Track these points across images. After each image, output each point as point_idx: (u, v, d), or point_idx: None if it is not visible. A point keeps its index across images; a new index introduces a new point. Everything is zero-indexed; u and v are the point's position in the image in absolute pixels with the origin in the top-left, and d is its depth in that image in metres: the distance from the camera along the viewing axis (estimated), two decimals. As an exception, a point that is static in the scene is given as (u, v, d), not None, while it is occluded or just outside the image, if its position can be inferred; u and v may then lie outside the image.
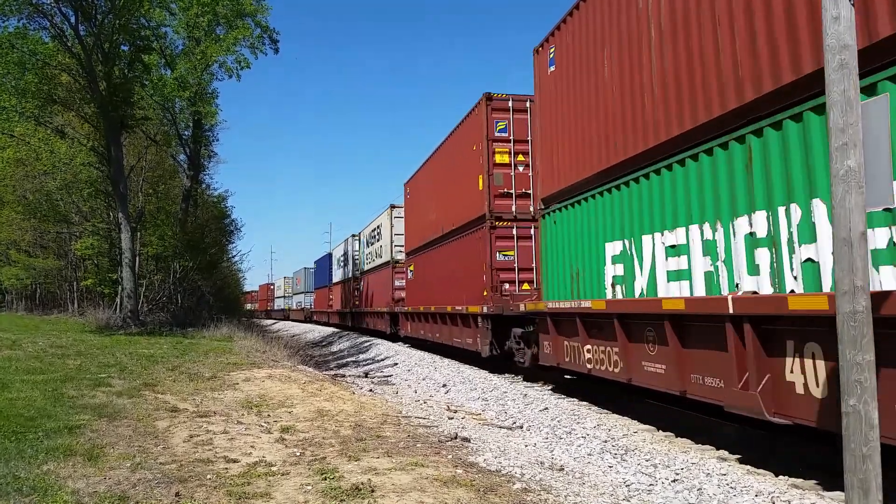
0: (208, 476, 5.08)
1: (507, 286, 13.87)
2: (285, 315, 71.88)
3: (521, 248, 14.14)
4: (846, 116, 3.81)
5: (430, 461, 5.78)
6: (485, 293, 13.96)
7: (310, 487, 4.84)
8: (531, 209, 13.74)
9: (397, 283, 25.11)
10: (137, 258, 23.53)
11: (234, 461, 5.58)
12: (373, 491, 4.74)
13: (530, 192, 13.95)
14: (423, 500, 4.62)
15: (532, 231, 13.66)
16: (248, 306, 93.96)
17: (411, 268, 22.55)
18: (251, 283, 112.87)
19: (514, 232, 14.15)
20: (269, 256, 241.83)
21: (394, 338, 26.04)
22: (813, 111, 5.30)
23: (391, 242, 25.57)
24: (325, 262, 47.68)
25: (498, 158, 14.30)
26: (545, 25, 12.94)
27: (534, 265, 13.64)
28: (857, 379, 3.73)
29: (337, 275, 41.43)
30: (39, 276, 35.20)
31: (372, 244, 30.20)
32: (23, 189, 28.62)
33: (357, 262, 34.41)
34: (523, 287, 13.94)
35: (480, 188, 14.48)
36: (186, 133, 27.05)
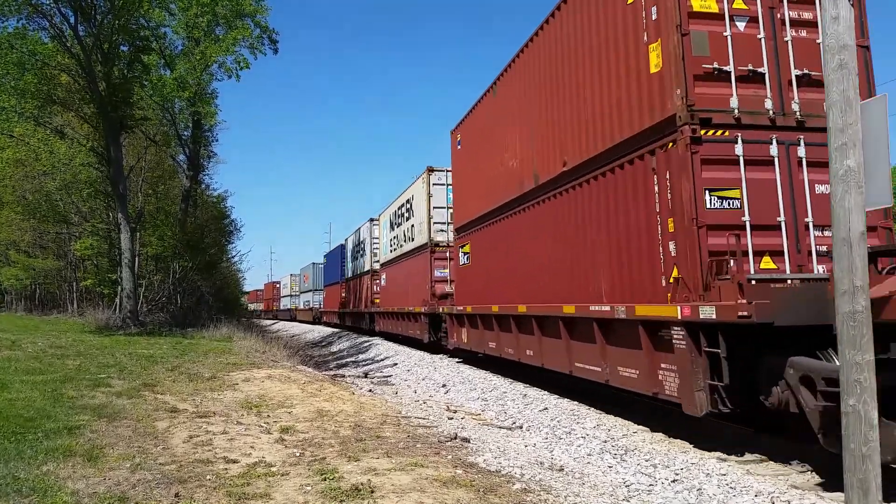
0: (208, 476, 5.07)
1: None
2: (292, 316, 64.65)
3: (755, 183, 7.05)
4: (845, 116, 3.81)
5: (430, 461, 5.78)
6: (677, 276, 7.09)
7: (309, 488, 4.84)
8: (768, 103, 7.22)
9: (439, 274, 18.86)
10: (137, 258, 23.53)
11: (234, 462, 5.58)
12: (372, 491, 4.73)
13: (764, 70, 7.25)
14: (422, 500, 4.61)
15: (785, 150, 7.15)
16: (253, 307, 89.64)
17: (465, 249, 15.57)
18: (251, 283, 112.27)
19: (740, 150, 7.04)
20: (269, 256, 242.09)
21: (433, 348, 19.49)
22: None
23: (429, 219, 19.35)
24: (336, 256, 41.20)
25: (696, 4, 7.26)
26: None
27: (781, 218, 7.03)
28: (856, 379, 3.74)
29: (351, 268, 35.40)
30: (39, 276, 35.23)
31: (399, 225, 23.71)
32: (22, 189, 28.65)
33: (377, 250, 28.71)
34: (763, 263, 6.89)
35: (655, 68, 7.53)
36: (186, 133, 27.09)
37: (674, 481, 5.91)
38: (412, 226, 21.55)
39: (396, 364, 18.27)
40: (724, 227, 6.90)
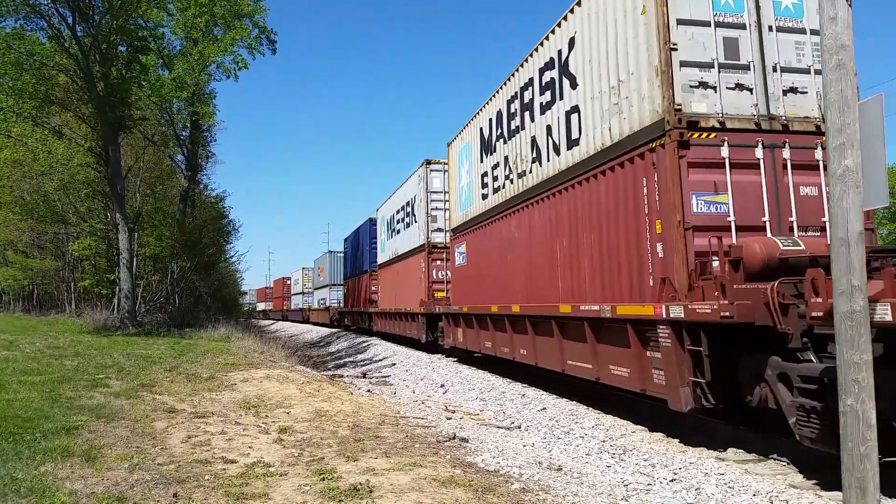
0: (206, 477, 5.07)
1: None
2: (304, 317, 54.46)
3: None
4: (843, 116, 3.82)
5: (429, 461, 5.78)
6: None
7: (308, 488, 4.84)
8: None
9: (707, 206, 7.21)
10: (135, 259, 23.52)
11: (232, 462, 5.57)
12: (371, 491, 4.73)
13: None
14: (421, 500, 4.61)
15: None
16: (262, 306, 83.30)
17: None
18: (249, 284, 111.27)
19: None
20: (268, 257, 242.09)
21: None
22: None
23: (660, 53, 7.30)
24: (362, 237, 30.57)
25: None
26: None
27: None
28: (854, 378, 3.74)
29: (387, 249, 24.98)
30: (37, 276, 35.20)
31: (512, 135, 12.10)
32: (20, 190, 28.64)
33: (438, 212, 18.81)
34: None
35: None
36: (184, 133, 27.08)
37: (672, 480, 5.91)
38: (572, 109, 9.66)
39: (395, 364, 18.26)
40: None
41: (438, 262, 18.94)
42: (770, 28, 7.65)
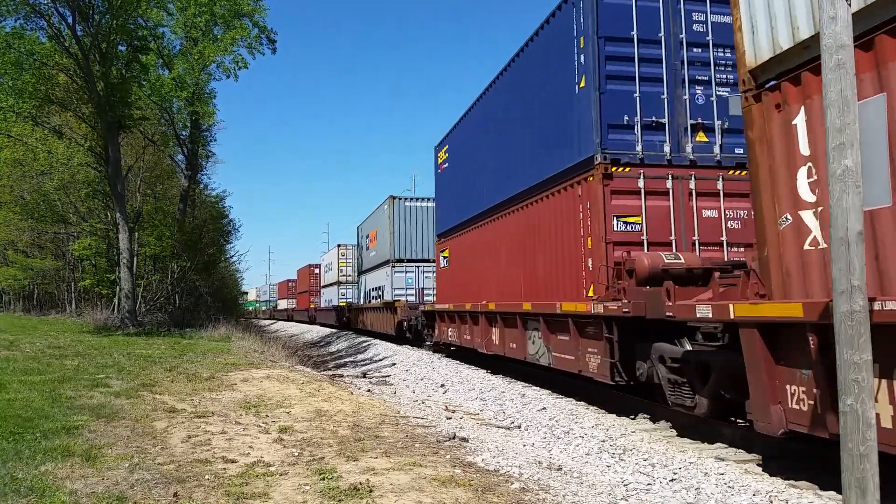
0: (206, 476, 5.07)
1: None
2: (341, 319, 35.95)
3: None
4: (843, 116, 3.82)
5: (429, 461, 5.78)
6: None
7: (308, 487, 4.84)
8: None
9: None
10: (135, 258, 23.51)
11: (233, 461, 5.57)
12: (371, 491, 4.73)
13: None
14: (421, 499, 4.62)
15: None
16: (284, 304, 68.60)
17: None
18: (248, 284, 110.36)
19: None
20: (268, 256, 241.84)
21: None
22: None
23: None
24: (500, 110, 13.31)
25: None
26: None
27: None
28: (854, 378, 3.74)
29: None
30: (37, 276, 35.20)
31: None
32: (20, 189, 28.62)
33: None
34: None
35: None
36: (184, 133, 27.05)
37: (672, 480, 5.91)
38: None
39: (395, 364, 18.27)
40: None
41: None
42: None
